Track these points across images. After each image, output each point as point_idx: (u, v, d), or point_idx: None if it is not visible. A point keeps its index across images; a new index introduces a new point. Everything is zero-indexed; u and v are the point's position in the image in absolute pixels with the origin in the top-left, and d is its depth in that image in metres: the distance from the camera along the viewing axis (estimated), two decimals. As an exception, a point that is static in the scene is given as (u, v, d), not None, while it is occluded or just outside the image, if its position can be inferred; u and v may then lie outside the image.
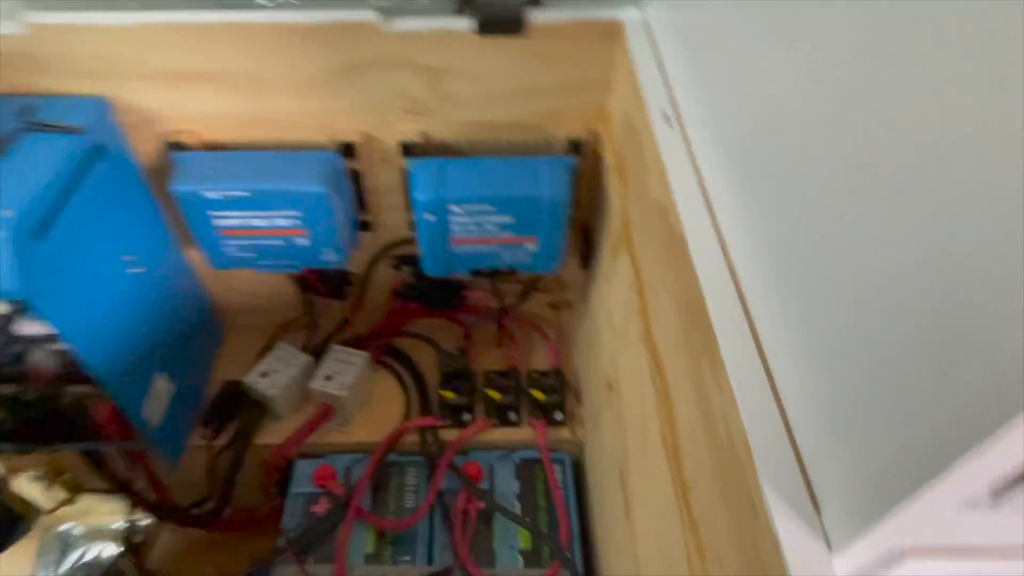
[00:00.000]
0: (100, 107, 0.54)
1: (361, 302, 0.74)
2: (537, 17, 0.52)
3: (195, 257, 0.70)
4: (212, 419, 0.70)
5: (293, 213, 0.55)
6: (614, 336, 0.54)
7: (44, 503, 0.79)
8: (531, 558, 0.63)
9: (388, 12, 0.52)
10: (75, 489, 0.79)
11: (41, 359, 0.53)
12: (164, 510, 0.75)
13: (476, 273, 0.61)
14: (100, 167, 0.54)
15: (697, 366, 0.32)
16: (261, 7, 0.52)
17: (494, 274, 0.62)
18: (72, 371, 0.55)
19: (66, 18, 0.51)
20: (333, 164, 0.56)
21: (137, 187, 0.60)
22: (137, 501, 0.74)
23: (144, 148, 0.59)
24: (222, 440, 0.70)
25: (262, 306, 0.77)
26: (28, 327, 0.49)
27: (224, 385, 0.72)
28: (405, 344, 0.78)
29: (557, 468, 0.69)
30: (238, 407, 0.71)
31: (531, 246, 0.58)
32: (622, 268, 0.51)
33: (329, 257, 0.60)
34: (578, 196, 0.60)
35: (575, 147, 0.59)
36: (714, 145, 0.37)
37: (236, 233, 0.57)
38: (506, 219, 0.55)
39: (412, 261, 0.71)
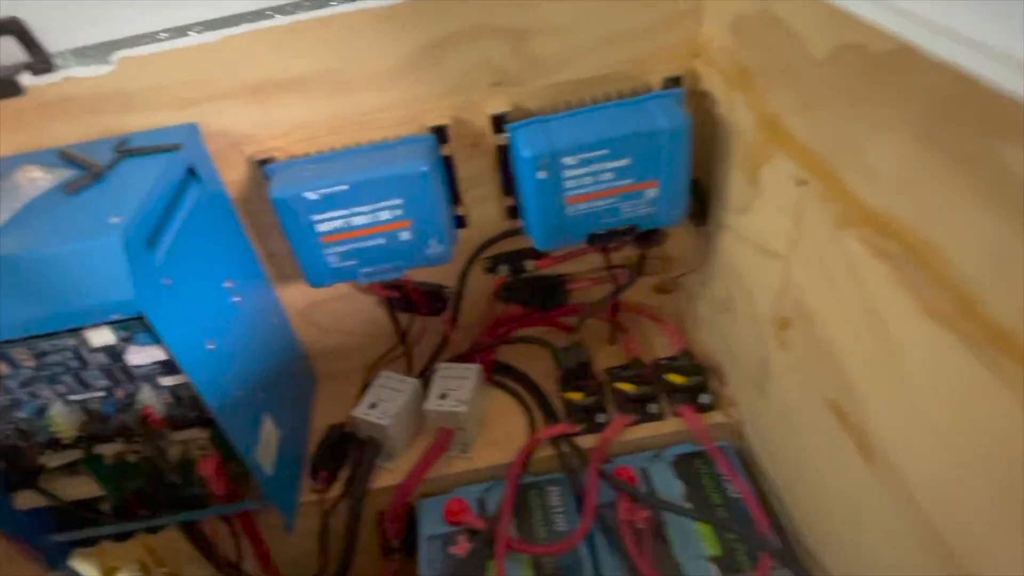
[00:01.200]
0: (192, 131, 0.52)
1: (458, 314, 0.68)
2: (619, -48, 0.50)
3: (284, 297, 0.66)
4: (321, 467, 0.63)
5: (396, 202, 0.51)
6: (778, 263, 0.47)
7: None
8: (725, 564, 0.53)
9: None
10: (177, 583, 0.71)
11: (151, 399, 0.48)
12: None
13: (591, 240, 0.56)
14: (196, 189, 0.51)
15: (987, 166, 0.25)
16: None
17: (608, 239, 0.56)
18: (180, 414, 0.50)
19: (153, 48, 0.50)
20: (428, 146, 0.53)
21: (229, 214, 0.57)
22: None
23: (232, 177, 0.57)
24: (334, 491, 0.62)
25: (353, 345, 0.72)
26: (139, 355, 0.44)
27: (328, 429, 0.66)
28: (509, 355, 0.71)
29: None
30: (347, 451, 0.64)
31: (652, 192, 0.53)
32: (772, 177, 0.45)
33: (434, 251, 0.55)
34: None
35: (675, 83, 0.55)
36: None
37: (337, 238, 0.53)
38: (623, 163, 0.50)
39: (508, 259, 0.66)
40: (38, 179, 0.46)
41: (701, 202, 0.60)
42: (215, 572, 0.66)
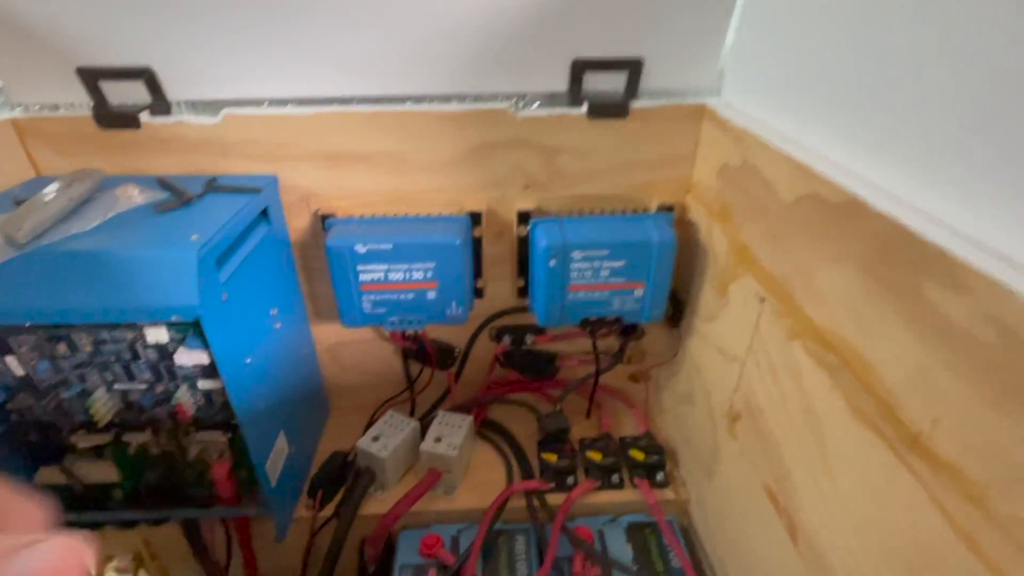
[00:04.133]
0: (272, 181, 0.55)
1: (463, 371, 0.69)
2: (635, 104, 0.55)
3: (316, 333, 0.67)
4: (318, 488, 0.61)
5: (429, 265, 0.54)
6: (735, 365, 0.49)
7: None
8: (662, 627, 0.51)
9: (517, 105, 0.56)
10: (162, 580, 0.66)
11: (185, 398, 0.48)
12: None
13: (583, 324, 0.57)
14: (265, 227, 0.53)
15: (912, 297, 0.28)
16: (414, 100, 0.55)
17: (598, 326, 0.58)
18: (208, 416, 0.50)
19: (255, 111, 0.54)
20: (464, 225, 0.56)
21: (288, 254, 0.59)
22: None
23: (297, 224, 0.59)
24: (326, 511, 0.60)
25: (368, 384, 0.71)
26: (186, 356, 0.45)
27: (331, 455, 0.64)
28: (500, 413, 0.71)
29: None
30: (343, 478, 0.63)
31: (639, 292, 0.55)
32: (738, 294, 0.48)
33: (453, 312, 0.57)
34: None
35: (668, 209, 0.59)
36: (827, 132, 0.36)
37: (374, 288, 0.55)
38: (619, 264, 0.53)
39: (512, 331, 0.67)
40: (134, 196, 0.48)
41: (677, 308, 0.62)
42: (203, 573, 0.62)
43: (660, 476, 0.62)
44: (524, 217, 0.58)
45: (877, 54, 0.33)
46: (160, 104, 0.53)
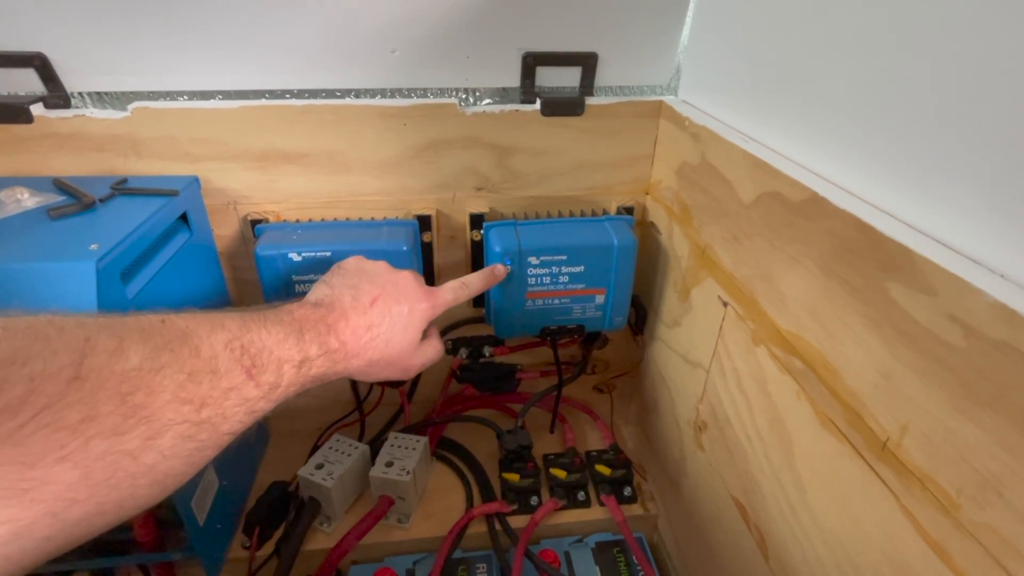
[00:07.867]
0: (193, 183, 0.52)
1: (416, 388, 0.66)
2: (591, 101, 0.55)
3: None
4: (255, 524, 0.57)
5: (373, 274, 0.51)
6: (700, 372, 0.49)
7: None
8: (633, 654, 0.50)
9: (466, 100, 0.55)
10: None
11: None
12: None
13: (543, 333, 0.56)
14: (185, 234, 0.50)
15: (875, 298, 0.28)
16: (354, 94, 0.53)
17: (559, 335, 0.57)
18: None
19: (171, 104, 0.50)
20: (412, 230, 0.54)
21: (214, 264, 0.55)
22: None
23: (223, 231, 0.56)
24: (266, 549, 0.57)
25: (311, 407, 0.68)
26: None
27: (270, 486, 0.61)
28: (458, 432, 0.69)
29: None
30: (285, 511, 0.59)
31: (600, 299, 0.55)
32: (700, 298, 0.48)
33: (401, 324, 0.54)
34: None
35: (628, 211, 0.59)
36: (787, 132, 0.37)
37: (313, 299, 0.52)
38: (579, 269, 0.53)
39: (468, 343, 0.66)
40: (22, 199, 0.44)
41: (639, 314, 0.62)
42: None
43: (627, 491, 0.62)
44: (477, 220, 0.57)
45: (833, 50, 0.33)
46: (56, 96, 0.49)
